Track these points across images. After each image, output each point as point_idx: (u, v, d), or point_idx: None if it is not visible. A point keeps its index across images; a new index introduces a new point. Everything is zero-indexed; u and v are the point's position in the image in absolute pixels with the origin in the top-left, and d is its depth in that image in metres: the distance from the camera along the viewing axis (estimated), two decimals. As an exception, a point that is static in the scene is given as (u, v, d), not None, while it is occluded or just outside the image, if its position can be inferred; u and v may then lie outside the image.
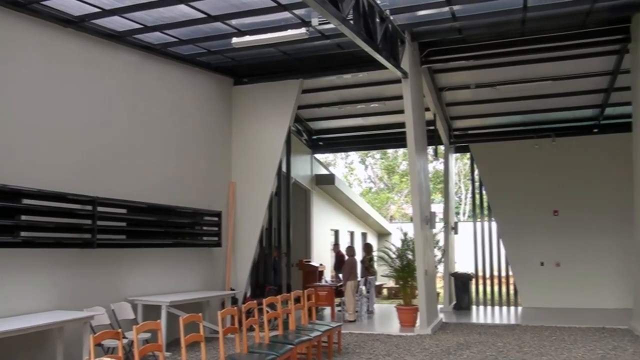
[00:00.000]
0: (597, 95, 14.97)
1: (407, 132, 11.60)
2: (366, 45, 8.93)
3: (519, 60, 12.96)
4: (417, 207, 11.74)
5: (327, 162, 29.88)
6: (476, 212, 18.20)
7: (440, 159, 17.99)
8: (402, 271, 12.95)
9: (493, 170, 17.24)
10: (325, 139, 19.08)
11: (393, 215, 36.71)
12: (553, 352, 9.51)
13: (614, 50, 12.60)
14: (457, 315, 14.71)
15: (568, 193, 16.28)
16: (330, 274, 18.75)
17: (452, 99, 15.66)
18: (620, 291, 14.71)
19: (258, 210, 12.89)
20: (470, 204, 21.97)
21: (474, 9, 10.49)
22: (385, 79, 13.13)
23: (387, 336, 11.24)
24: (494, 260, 17.54)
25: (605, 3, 10.38)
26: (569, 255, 16.16)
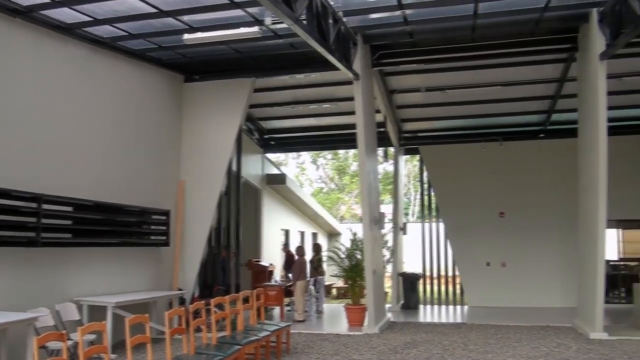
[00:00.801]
0: (544, 101, 15.43)
1: (358, 133, 11.69)
2: (319, 45, 8.97)
3: (468, 65, 13.24)
4: (367, 208, 11.85)
5: (278, 162, 29.78)
6: (424, 213, 18.49)
7: (390, 160, 18.21)
8: (351, 271, 13.04)
9: (442, 172, 17.54)
10: (276, 138, 19.06)
11: (343, 215, 36.91)
12: (498, 349, 9.74)
13: (561, 58, 13.02)
14: (404, 314, 14.90)
15: (514, 195, 16.71)
16: (280, 274, 18.74)
17: (402, 102, 15.87)
18: (564, 290, 15.21)
19: (207, 209, 12.77)
20: (419, 205, 22.28)
21: (425, 13, 10.68)
22: (337, 80, 13.21)
23: (335, 335, 11.30)
24: (442, 260, 17.86)
25: (554, 13, 10.72)
26: (515, 255, 16.59)
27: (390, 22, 11.14)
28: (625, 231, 17.53)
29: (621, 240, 17.66)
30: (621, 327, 11.91)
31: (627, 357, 8.97)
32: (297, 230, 23.62)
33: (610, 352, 9.40)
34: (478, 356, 9.20)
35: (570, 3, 10.44)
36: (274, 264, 17.93)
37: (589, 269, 11.32)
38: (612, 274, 16.13)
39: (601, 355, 9.11)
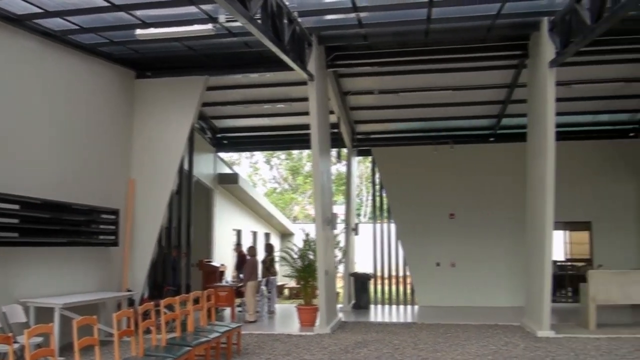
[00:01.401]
0: (494, 106, 15.77)
1: (312, 134, 11.70)
2: (273, 45, 8.94)
3: (421, 69, 13.43)
4: (320, 208, 11.87)
5: (231, 162, 29.58)
6: (376, 214, 18.64)
7: (343, 161, 18.29)
8: (303, 271, 13.04)
9: (393, 173, 17.72)
10: (229, 137, 18.88)
11: (296, 215, 36.90)
12: (447, 348, 9.89)
13: (512, 64, 13.35)
14: (356, 314, 14.98)
15: (464, 197, 17.03)
16: (232, 274, 18.59)
17: (356, 104, 15.96)
18: (512, 290, 15.56)
19: (158, 208, 12.55)
20: (370, 206, 22.43)
21: (379, 17, 10.77)
22: (292, 80, 13.17)
23: (287, 336, 11.28)
24: (392, 260, 18.02)
25: (506, 21, 10.97)
26: (464, 256, 16.91)
27: (345, 24, 11.21)
28: (572, 233, 18.04)
29: (568, 241, 18.15)
30: (568, 325, 12.30)
31: (573, 355, 9.25)
32: (249, 231, 23.48)
33: (557, 349, 9.69)
34: (428, 355, 9.32)
35: (521, 11, 10.70)
36: (225, 264, 17.77)
37: (537, 269, 11.63)
38: (559, 274, 16.62)
39: (548, 353, 9.37)
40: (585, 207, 16.65)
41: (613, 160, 16.89)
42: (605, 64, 13.09)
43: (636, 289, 12.02)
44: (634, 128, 17.09)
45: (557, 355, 9.17)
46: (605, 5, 8.38)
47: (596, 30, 8.81)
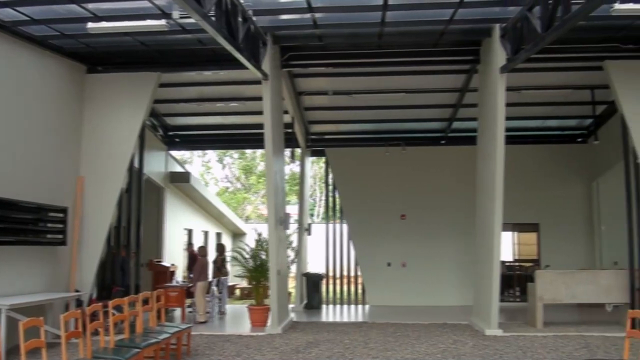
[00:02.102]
0: (446, 109, 16.03)
1: (265, 133, 11.64)
2: (227, 43, 8.86)
3: (375, 71, 13.56)
4: (272, 208, 11.82)
5: (183, 160, 29.21)
6: (329, 214, 18.70)
7: (297, 161, 18.29)
8: (255, 271, 12.97)
9: (346, 174, 17.82)
10: (181, 135, 18.63)
11: (249, 215, 36.70)
12: (397, 347, 9.99)
13: (464, 69, 13.59)
14: (307, 314, 15.00)
15: (415, 198, 17.28)
16: (183, 275, 18.36)
17: (310, 104, 15.99)
18: (462, 289, 15.88)
19: (107, 207, 12.27)
20: (323, 206, 22.52)
21: (334, 18, 10.82)
22: (246, 79, 13.09)
23: (238, 336, 11.20)
24: (344, 260, 18.11)
25: (458, 26, 11.18)
26: (415, 256, 17.16)
27: (300, 25, 11.21)
28: (520, 234, 18.51)
29: (516, 242, 18.60)
30: (515, 324, 12.63)
31: (521, 352, 9.47)
32: (200, 230, 23.22)
33: (505, 347, 9.89)
34: (378, 354, 9.39)
35: (474, 18, 10.90)
36: (175, 264, 17.54)
37: (485, 269, 11.87)
38: (508, 274, 17.10)
39: (496, 351, 9.56)
40: (534, 209, 17.15)
41: (561, 164, 17.45)
42: (554, 71, 13.50)
43: (582, 288, 12.42)
44: (581, 133, 17.68)
45: (504, 353, 9.36)
46: (555, 14, 8.64)
47: (546, 38, 9.06)
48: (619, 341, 9.80)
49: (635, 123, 11.83)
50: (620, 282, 12.30)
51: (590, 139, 16.84)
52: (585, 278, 12.61)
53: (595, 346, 10.01)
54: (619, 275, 12.45)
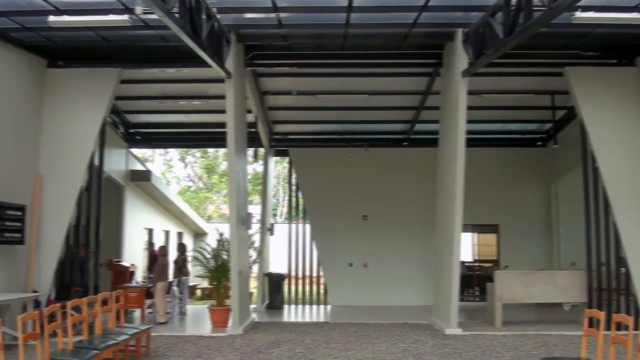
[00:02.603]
0: (408, 111, 16.18)
1: (228, 132, 11.56)
2: (190, 40, 8.77)
3: (339, 72, 13.60)
4: (234, 208, 11.75)
5: (144, 158, 28.77)
6: (292, 214, 18.67)
7: (260, 161, 18.22)
8: (217, 271, 12.87)
9: (310, 174, 17.83)
10: (143, 133, 18.36)
11: (211, 215, 36.40)
12: (358, 347, 10.03)
13: (426, 72, 13.75)
14: (269, 314, 14.95)
15: (377, 199, 17.39)
16: (143, 275, 18.10)
17: (274, 104, 15.94)
18: (422, 289, 16.02)
19: (66, 205, 12.01)
20: (287, 206, 22.50)
21: (299, 18, 10.82)
22: (209, 77, 12.96)
23: (198, 337, 11.09)
24: (307, 260, 18.10)
25: (422, 30, 11.29)
26: (376, 256, 17.27)
27: (265, 24, 11.18)
28: (480, 235, 18.80)
29: (476, 243, 18.89)
30: (475, 323, 12.85)
31: (480, 351, 9.63)
32: (161, 230, 22.94)
33: (464, 346, 10.04)
34: (339, 354, 9.42)
35: (437, 22, 11.04)
36: (135, 264, 17.29)
37: (445, 269, 12.01)
38: (467, 274, 17.37)
39: (455, 350, 9.69)
40: (493, 210, 17.44)
41: (521, 167, 17.81)
42: (515, 76, 13.76)
43: (540, 288, 12.71)
44: (541, 137, 18.07)
45: (464, 352, 9.50)
46: (517, 20, 8.83)
47: (508, 44, 9.25)
48: (577, 340, 10.04)
49: (593, 128, 12.17)
50: (578, 282, 12.62)
51: (549, 143, 17.25)
52: (544, 278, 12.90)
53: (553, 345, 10.25)
54: (576, 276, 12.78)
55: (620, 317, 6.34)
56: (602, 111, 12.27)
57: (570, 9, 8.58)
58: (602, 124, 12.23)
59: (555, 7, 7.69)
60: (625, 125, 12.29)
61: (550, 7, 7.78)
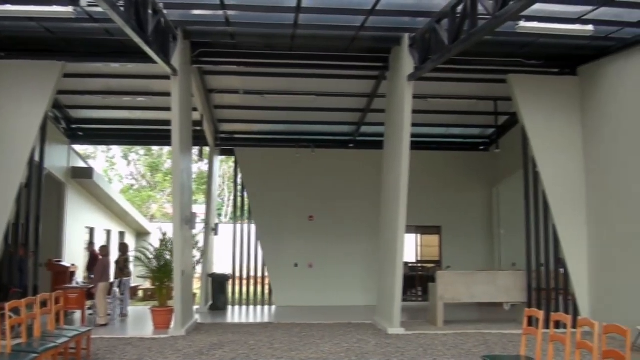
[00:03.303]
0: (355, 113, 16.32)
1: (173, 130, 11.36)
2: (136, 35, 8.60)
3: (286, 72, 13.61)
4: (178, 207, 11.58)
5: (86, 155, 28.08)
6: (237, 215, 18.54)
7: (205, 160, 18.02)
8: (159, 272, 12.67)
9: (255, 174, 17.75)
10: (86, 129, 17.87)
11: (154, 214, 35.79)
12: (302, 347, 10.06)
13: (373, 75, 13.91)
14: (212, 315, 14.81)
15: (323, 200, 17.47)
16: (83, 275, 17.64)
17: (220, 102, 15.81)
18: (367, 290, 16.18)
19: (5, 202, 11.59)
20: (232, 206, 22.32)
21: (247, 17, 10.76)
22: (154, 73, 12.78)
23: (140, 339, 10.89)
24: (252, 261, 17.99)
25: (369, 33, 11.43)
26: (322, 257, 17.35)
27: (213, 21, 11.09)
28: (423, 236, 19.11)
29: (419, 244, 19.18)
30: (417, 322, 13.08)
31: (422, 350, 9.81)
32: (103, 229, 22.41)
33: (406, 345, 10.21)
34: (282, 354, 9.43)
35: (384, 26, 11.18)
36: (76, 264, 16.81)
37: (389, 269, 12.18)
38: (410, 274, 17.66)
39: (398, 349, 9.84)
40: (436, 212, 17.79)
41: (463, 171, 18.23)
42: (460, 82, 14.09)
43: (481, 288, 13.05)
44: (484, 142, 18.57)
45: (406, 351, 9.65)
46: (462, 28, 9.06)
47: (453, 50, 9.48)
48: (516, 338, 10.39)
49: (534, 134, 12.59)
50: (518, 283, 13.03)
51: (492, 148, 17.72)
52: (484, 278, 13.24)
53: (493, 343, 10.54)
54: (516, 276, 13.19)
55: (559, 316, 6.56)
56: (543, 118, 12.71)
57: (515, 18, 8.85)
58: (543, 130, 12.66)
59: (500, 16, 7.92)
60: (565, 131, 12.76)
61: (495, 15, 8.00)
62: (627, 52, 11.32)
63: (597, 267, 12.20)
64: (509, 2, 7.69)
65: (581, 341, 5.71)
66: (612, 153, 11.84)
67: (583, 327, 5.89)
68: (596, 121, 12.35)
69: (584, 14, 10.05)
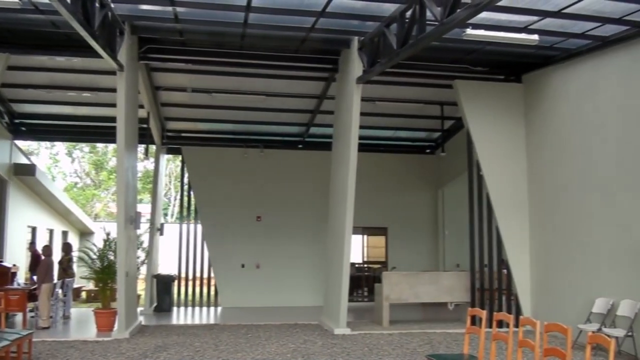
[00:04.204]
0: (304, 114, 16.35)
1: (118, 127, 11.10)
2: (82, 28, 8.39)
3: (236, 71, 13.51)
4: (123, 206, 11.35)
5: (28, 151, 27.26)
6: (183, 214, 18.29)
7: (151, 158, 17.72)
8: (103, 273, 12.39)
9: (203, 174, 17.56)
10: (28, 124, 17.31)
11: (98, 213, 34.99)
12: (248, 348, 10.02)
13: (323, 77, 13.97)
14: (157, 317, 14.59)
15: (272, 201, 17.44)
16: (25, 276, 17.08)
17: (167, 100, 15.58)
18: (314, 290, 16.25)
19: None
20: (178, 206, 22.03)
21: (197, 14, 10.63)
22: (101, 68, 12.49)
23: (82, 342, 10.62)
24: (198, 262, 17.77)
25: (319, 35, 11.47)
26: (269, 258, 17.31)
27: (161, 17, 10.90)
28: (370, 237, 19.27)
29: (366, 245, 19.34)
30: (363, 322, 13.23)
31: (367, 349, 9.92)
32: (45, 228, 21.76)
33: (352, 345, 10.30)
34: (228, 356, 9.37)
35: (334, 28, 11.23)
36: (17, 264, 16.26)
37: (336, 270, 12.25)
38: (357, 275, 17.78)
39: (344, 349, 9.92)
40: (383, 214, 18.00)
41: (410, 173, 18.53)
42: (407, 86, 14.29)
43: (425, 289, 13.28)
44: (430, 145, 18.91)
45: (352, 351, 9.74)
46: (411, 33, 9.22)
47: (401, 54, 9.62)
48: (460, 337, 10.64)
49: (479, 138, 12.89)
50: (462, 283, 13.33)
51: (437, 151, 18.07)
52: (429, 279, 13.47)
53: (437, 342, 10.75)
54: (460, 277, 13.49)
55: (501, 315, 6.71)
56: (487, 123, 13.02)
57: (462, 25, 9.03)
58: (487, 134, 12.98)
59: (448, 22, 8.08)
60: (508, 136, 13.12)
61: (442, 22, 8.16)
62: (571, 62, 11.73)
63: (538, 268, 12.58)
64: (457, 9, 7.85)
65: (523, 340, 5.85)
66: (553, 158, 12.22)
67: (525, 326, 6.05)
68: (539, 127, 12.74)
69: (529, 23, 10.34)
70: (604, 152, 10.71)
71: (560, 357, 5.00)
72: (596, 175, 10.88)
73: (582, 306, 10.70)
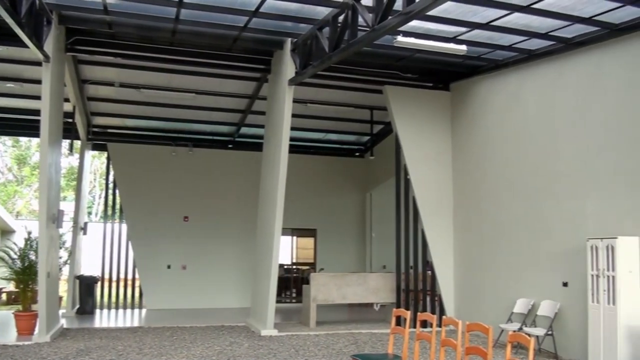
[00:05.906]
0: (235, 114, 16.24)
1: (42, 120, 10.64)
2: (8, 16, 8.01)
3: (165, 68, 13.27)
4: (45, 204, 10.92)
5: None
6: (108, 213, 17.79)
7: (76, 154, 17.15)
8: (23, 273, 11.88)
9: (129, 172, 17.15)
10: (-55, 116, 16.45)
11: (20, 211, 33.61)
12: (173, 351, 9.86)
13: (255, 77, 13.92)
14: (79, 320, 14.15)
15: (200, 201, 17.23)
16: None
17: (94, 94, 15.11)
18: (241, 292, 16.25)
19: None
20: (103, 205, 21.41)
21: (127, 7, 10.37)
22: (25, 58, 12.01)
23: (2, 347, 10.15)
24: (122, 262, 17.33)
25: (252, 35, 11.44)
26: (196, 259, 17.10)
27: (90, 8, 10.55)
28: (299, 238, 19.36)
29: (295, 246, 19.40)
30: (290, 324, 13.31)
31: (294, 351, 9.95)
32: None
33: (279, 346, 10.32)
34: (152, 359, 9.18)
35: (267, 29, 11.22)
36: None
37: (264, 271, 12.24)
38: (285, 276, 17.85)
39: (270, 350, 9.92)
40: (312, 215, 18.13)
41: (339, 176, 18.74)
42: (338, 89, 14.44)
43: (352, 290, 13.48)
44: (359, 149, 19.22)
45: (278, 352, 9.75)
46: (343, 37, 9.39)
47: (332, 58, 9.77)
48: (385, 337, 10.86)
49: (407, 143, 13.22)
50: (388, 284, 13.60)
51: (366, 155, 18.36)
52: (356, 280, 13.65)
53: (363, 342, 10.92)
54: (386, 278, 13.76)
55: (425, 315, 6.88)
56: (415, 128, 13.36)
57: (393, 32, 9.19)
58: (415, 139, 13.32)
59: (379, 29, 8.26)
60: (435, 142, 13.49)
61: (373, 28, 8.33)
62: (497, 72, 12.18)
63: (461, 270, 12.98)
64: (388, 16, 8.01)
65: (445, 339, 6.01)
66: (478, 164, 12.66)
67: (448, 326, 6.24)
68: (465, 134, 13.15)
69: (459, 34, 10.66)
70: (526, 161, 11.16)
71: (482, 356, 5.17)
72: (518, 182, 11.33)
73: (504, 307, 11.11)
